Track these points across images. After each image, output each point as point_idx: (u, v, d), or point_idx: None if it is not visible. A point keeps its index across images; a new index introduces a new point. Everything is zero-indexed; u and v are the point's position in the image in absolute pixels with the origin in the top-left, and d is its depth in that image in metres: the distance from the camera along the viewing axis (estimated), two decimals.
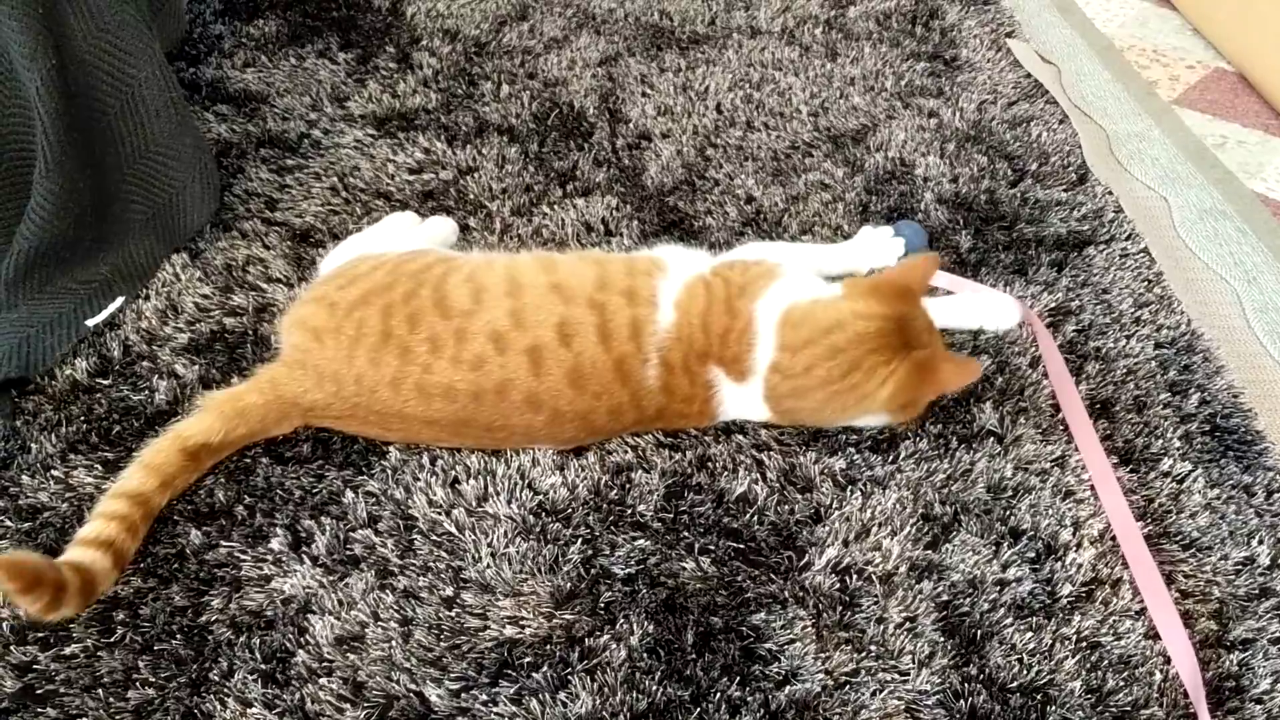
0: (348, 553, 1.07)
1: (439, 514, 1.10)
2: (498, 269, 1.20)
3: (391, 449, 1.17)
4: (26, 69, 1.21)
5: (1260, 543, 1.13)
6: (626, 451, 1.18)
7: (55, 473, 1.13)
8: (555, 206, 1.54)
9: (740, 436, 1.21)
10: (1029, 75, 1.90)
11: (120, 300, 1.34)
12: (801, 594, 1.05)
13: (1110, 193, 1.61)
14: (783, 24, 2.02)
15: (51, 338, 1.28)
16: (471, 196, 1.56)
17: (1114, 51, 2.06)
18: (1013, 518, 1.13)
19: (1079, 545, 1.11)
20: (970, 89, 1.85)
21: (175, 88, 1.40)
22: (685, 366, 1.15)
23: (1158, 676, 1.00)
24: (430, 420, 1.13)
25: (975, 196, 1.59)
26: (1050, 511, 1.14)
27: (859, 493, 1.14)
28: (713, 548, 1.09)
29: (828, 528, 1.11)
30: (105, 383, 1.25)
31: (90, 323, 1.31)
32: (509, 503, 1.11)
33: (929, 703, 0.97)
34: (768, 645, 1.01)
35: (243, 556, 1.07)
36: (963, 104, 1.80)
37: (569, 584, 1.05)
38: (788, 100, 1.80)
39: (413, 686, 0.96)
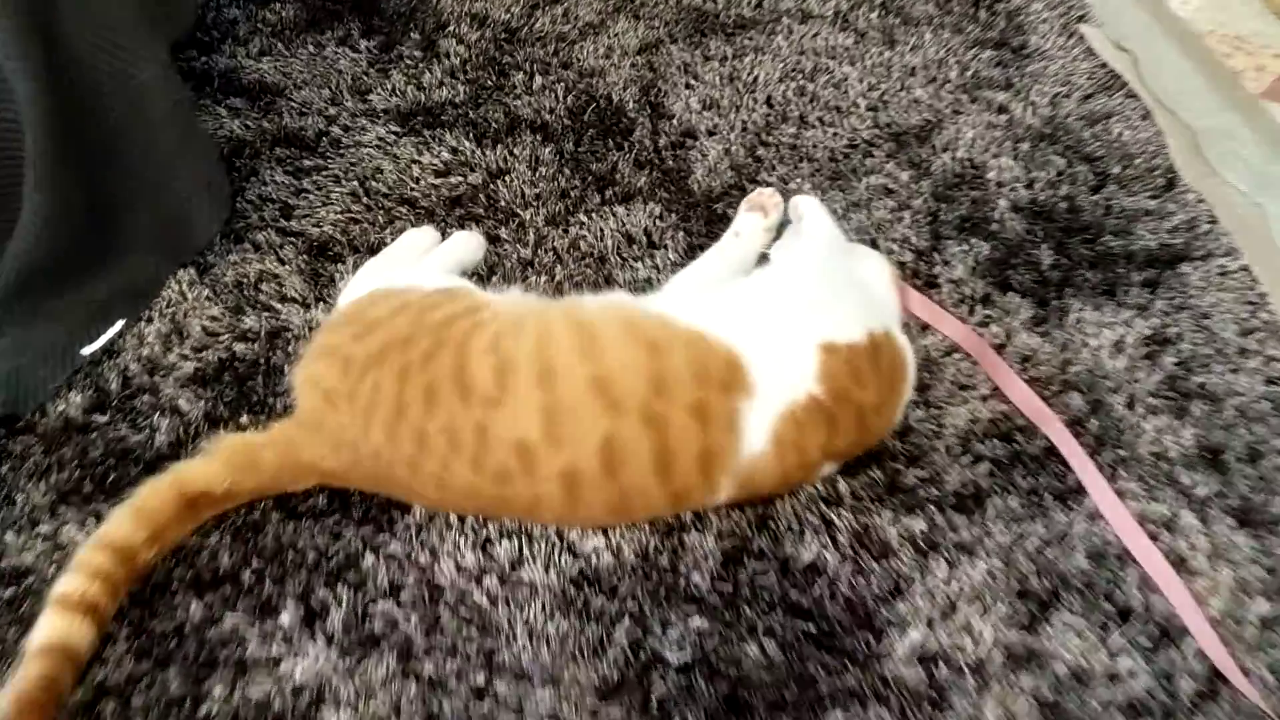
0: (366, 630, 0.96)
1: (468, 582, 0.99)
2: (528, 333, 1.02)
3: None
4: (15, 70, 1.08)
5: None
6: None
7: (43, 529, 1.02)
8: (593, 215, 1.41)
9: (806, 488, 1.08)
10: (1104, 65, 1.74)
11: (120, 324, 1.23)
12: (883, 689, 0.92)
13: (1202, 200, 1.46)
14: (835, 6, 1.86)
15: (45, 369, 1.16)
16: (502, 203, 1.43)
17: (1193, 37, 1.90)
18: (1119, 593, 1.00)
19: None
20: (1041, 80, 1.69)
21: (180, 90, 1.28)
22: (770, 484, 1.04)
23: None
24: (456, 506, 1.03)
25: (1054, 204, 1.44)
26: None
27: (943, 560, 1.01)
28: (778, 628, 0.96)
29: (909, 604, 0.98)
30: (102, 419, 1.13)
31: (86, 351, 1.19)
32: (546, 569, 0.99)
33: None
34: None
35: (249, 632, 0.95)
36: (1034, 97, 1.65)
37: (615, 672, 0.93)
38: (844, 93, 1.65)
39: None
